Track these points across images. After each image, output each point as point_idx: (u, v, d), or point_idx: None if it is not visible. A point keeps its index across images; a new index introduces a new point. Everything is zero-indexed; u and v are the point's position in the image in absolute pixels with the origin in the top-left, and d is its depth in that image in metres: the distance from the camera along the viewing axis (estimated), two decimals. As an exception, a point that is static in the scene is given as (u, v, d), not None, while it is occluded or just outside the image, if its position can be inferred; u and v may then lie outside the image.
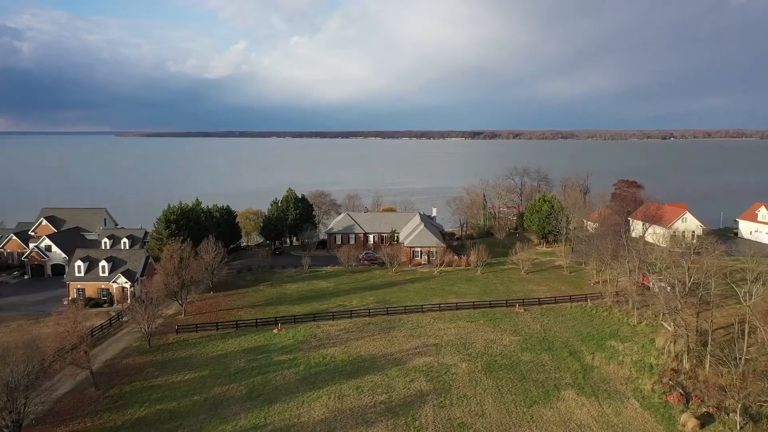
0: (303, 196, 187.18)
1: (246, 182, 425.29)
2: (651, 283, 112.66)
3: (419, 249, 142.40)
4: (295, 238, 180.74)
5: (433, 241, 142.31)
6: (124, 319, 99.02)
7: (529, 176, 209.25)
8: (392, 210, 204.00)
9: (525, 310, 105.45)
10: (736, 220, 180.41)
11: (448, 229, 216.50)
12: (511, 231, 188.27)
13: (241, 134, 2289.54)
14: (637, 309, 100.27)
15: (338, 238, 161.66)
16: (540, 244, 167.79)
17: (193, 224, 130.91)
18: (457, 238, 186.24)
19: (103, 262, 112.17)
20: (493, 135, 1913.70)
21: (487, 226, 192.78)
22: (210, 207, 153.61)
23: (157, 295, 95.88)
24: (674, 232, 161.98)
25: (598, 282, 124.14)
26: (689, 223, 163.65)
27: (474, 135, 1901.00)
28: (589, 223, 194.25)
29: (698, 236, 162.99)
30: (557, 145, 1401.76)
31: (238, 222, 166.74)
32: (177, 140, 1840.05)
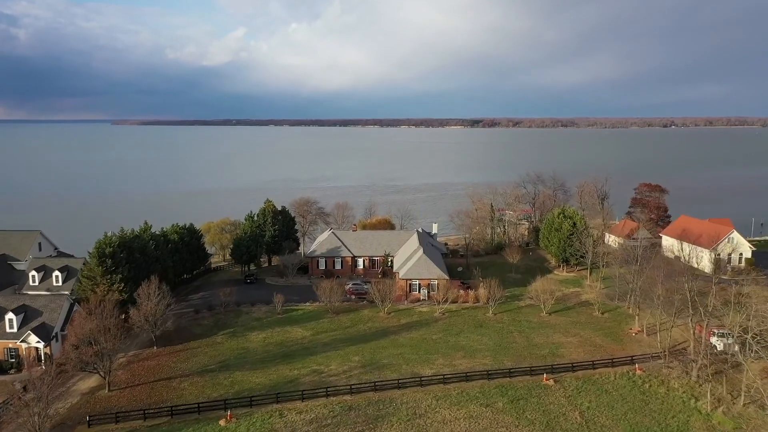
0: (284, 208, 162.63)
1: (233, 178, 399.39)
2: (715, 339, 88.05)
3: (417, 282, 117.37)
4: (275, 256, 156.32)
5: (434, 273, 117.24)
6: (28, 396, 73.86)
7: (544, 183, 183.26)
8: (387, 221, 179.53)
9: (555, 381, 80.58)
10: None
11: (451, 238, 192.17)
12: (523, 246, 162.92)
13: (239, 122, 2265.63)
14: (708, 382, 75.61)
15: (321, 262, 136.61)
16: (559, 267, 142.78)
17: (139, 256, 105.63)
18: (461, 255, 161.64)
19: (11, 315, 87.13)
20: (492, 123, 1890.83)
21: (496, 242, 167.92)
22: (165, 229, 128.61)
23: (63, 371, 70.90)
24: (719, 254, 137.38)
25: (641, 330, 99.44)
26: (736, 244, 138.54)
27: (473, 123, 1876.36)
28: (612, 237, 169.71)
29: (746, 259, 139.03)
30: (558, 134, 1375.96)
31: (203, 243, 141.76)
32: (173, 129, 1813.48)
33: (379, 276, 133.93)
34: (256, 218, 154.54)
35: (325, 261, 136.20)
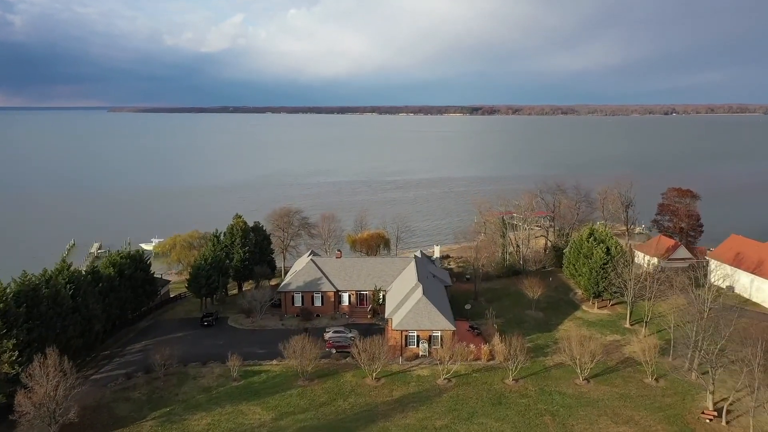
0: (257, 224, 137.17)
1: (220, 174, 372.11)
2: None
3: (415, 334, 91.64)
4: (249, 282, 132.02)
5: (437, 322, 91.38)
6: None
7: (565, 194, 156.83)
8: (380, 236, 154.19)
9: None
10: None
11: (453, 248, 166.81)
12: (540, 269, 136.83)
13: (236, 110, 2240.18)
14: None
15: (297, 297, 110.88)
16: (589, 300, 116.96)
17: (48, 308, 79.91)
18: (468, 279, 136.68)
19: None
20: (492, 110, 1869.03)
21: (509, 262, 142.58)
22: (96, 265, 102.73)
23: None
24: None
25: (717, 414, 73.81)
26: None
27: (473, 110, 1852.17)
28: (644, 256, 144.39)
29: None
30: (559, 122, 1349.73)
31: (153, 272, 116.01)
32: (169, 116, 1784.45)
33: (369, 316, 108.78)
34: (222, 238, 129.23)
35: (302, 296, 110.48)
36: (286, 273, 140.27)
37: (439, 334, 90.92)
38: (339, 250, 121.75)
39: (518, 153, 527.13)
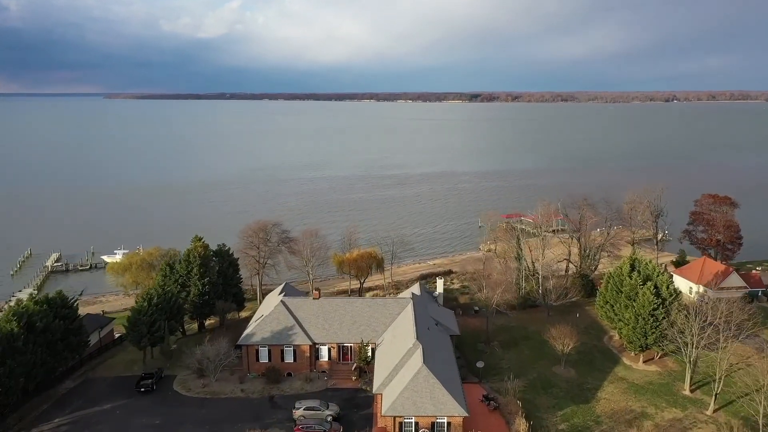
0: (223, 247, 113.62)
1: (208, 168, 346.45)
2: None
3: (413, 420, 67.84)
4: (209, 317, 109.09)
5: (443, 405, 67.35)
6: None
7: (593, 208, 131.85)
8: (372, 256, 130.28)
9: None
10: None
11: (456, 261, 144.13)
12: (563, 301, 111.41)
13: (233, 96, 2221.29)
14: None
15: (263, 352, 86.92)
16: (633, 351, 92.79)
17: None
18: (476, 311, 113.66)
19: None
20: (491, 97, 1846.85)
21: (525, 290, 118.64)
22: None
23: None
24: None
25: None
26: None
27: (472, 97, 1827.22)
28: (682, 281, 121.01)
29: None
30: (560, 109, 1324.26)
31: (80, 316, 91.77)
32: (165, 103, 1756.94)
33: (354, 378, 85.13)
34: (177, 268, 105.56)
35: (269, 351, 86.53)
36: (262, 296, 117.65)
37: (446, 421, 67.19)
38: (317, 290, 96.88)
39: (523, 143, 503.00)
